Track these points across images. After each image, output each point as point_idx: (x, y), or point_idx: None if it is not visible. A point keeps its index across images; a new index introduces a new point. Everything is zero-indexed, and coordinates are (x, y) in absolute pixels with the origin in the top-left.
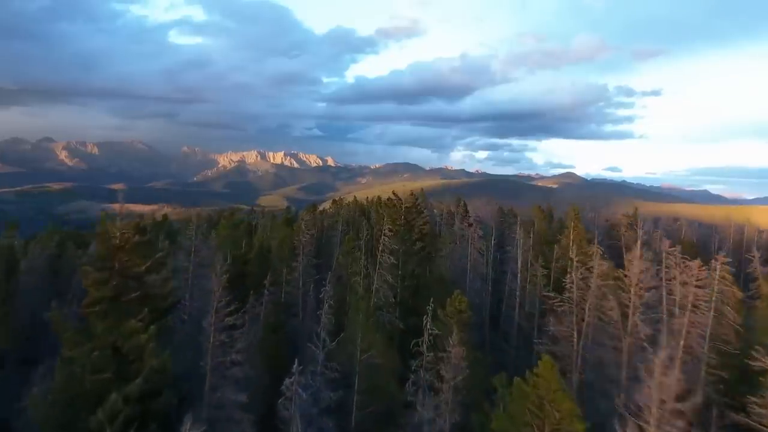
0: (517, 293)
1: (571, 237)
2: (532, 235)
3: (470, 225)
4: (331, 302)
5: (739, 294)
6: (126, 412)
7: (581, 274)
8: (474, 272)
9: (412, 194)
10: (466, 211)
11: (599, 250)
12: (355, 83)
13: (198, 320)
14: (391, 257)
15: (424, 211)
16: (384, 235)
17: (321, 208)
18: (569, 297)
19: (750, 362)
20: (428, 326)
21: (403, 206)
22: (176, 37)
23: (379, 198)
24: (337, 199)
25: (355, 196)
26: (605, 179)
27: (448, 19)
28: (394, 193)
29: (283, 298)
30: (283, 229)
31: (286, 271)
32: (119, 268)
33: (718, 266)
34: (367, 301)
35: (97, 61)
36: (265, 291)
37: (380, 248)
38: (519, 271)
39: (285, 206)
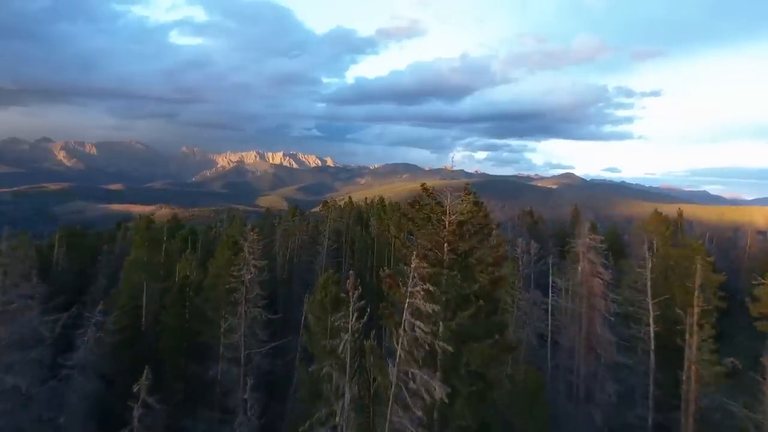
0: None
1: None
2: (650, 264)
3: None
4: None
5: None
6: None
7: None
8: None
9: (466, 192)
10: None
11: None
12: (355, 84)
13: None
14: (428, 384)
15: (495, 228)
16: (410, 303)
17: (308, 211)
18: None
19: None
20: None
21: (453, 219)
22: (177, 38)
23: (381, 199)
24: (329, 200)
25: (350, 197)
26: (604, 180)
27: (448, 19)
28: (425, 189)
29: (219, 377)
30: (226, 253)
31: (224, 328)
32: None
33: None
34: None
35: (97, 61)
36: (135, 407)
37: (399, 340)
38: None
39: (284, 206)
